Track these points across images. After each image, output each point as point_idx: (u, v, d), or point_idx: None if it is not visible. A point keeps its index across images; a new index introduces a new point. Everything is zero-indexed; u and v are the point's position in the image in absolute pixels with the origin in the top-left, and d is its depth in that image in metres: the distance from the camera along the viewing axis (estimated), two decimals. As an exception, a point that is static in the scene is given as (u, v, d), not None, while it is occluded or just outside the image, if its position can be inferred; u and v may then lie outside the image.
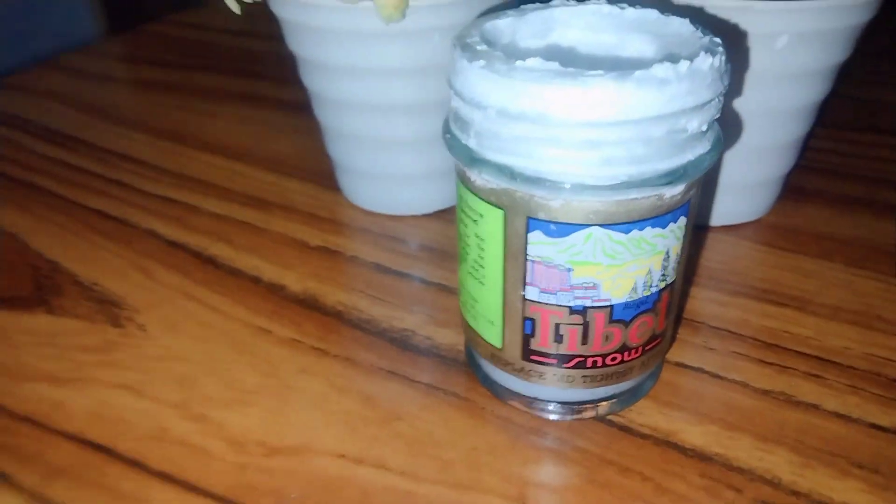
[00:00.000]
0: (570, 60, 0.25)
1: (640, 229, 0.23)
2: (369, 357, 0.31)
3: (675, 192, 0.22)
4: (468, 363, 0.30)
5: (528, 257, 0.24)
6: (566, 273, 0.23)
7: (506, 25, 0.25)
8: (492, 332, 0.26)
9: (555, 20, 0.26)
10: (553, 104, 0.20)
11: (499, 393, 0.28)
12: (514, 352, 0.26)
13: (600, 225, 0.22)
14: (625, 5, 0.26)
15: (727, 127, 0.22)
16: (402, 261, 0.37)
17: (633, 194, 0.22)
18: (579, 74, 0.20)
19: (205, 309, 0.34)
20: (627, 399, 0.28)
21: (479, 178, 0.23)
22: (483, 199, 0.24)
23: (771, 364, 0.30)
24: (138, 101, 0.58)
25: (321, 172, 0.44)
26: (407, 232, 0.39)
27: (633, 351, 0.26)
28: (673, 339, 0.31)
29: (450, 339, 0.32)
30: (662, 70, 0.20)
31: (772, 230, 0.39)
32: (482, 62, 0.22)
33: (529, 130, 0.21)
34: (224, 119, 0.52)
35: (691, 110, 0.21)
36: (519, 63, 0.21)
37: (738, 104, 0.33)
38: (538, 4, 0.27)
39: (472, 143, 0.23)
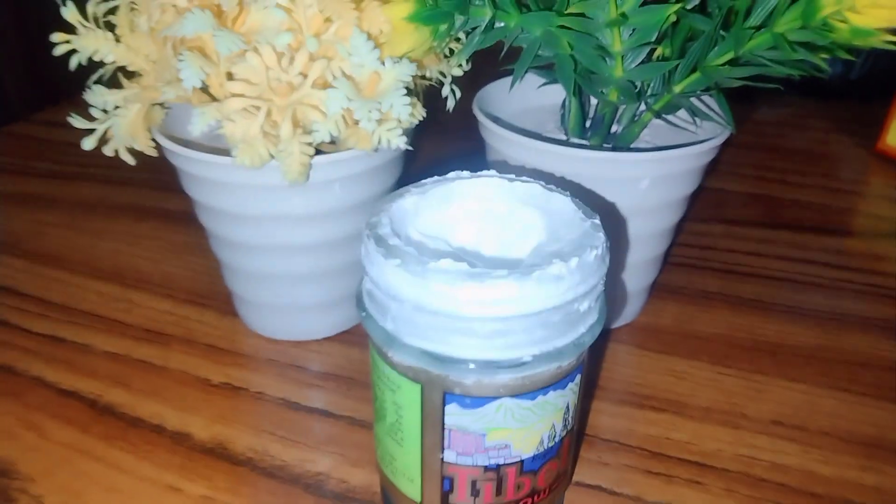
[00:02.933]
0: (472, 246, 0.28)
1: (545, 394, 0.25)
2: (287, 509, 0.31)
3: (571, 360, 0.25)
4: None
5: (446, 426, 0.25)
6: (481, 438, 0.25)
7: (410, 204, 0.27)
8: (411, 488, 0.28)
9: (453, 193, 0.29)
10: (464, 303, 0.23)
11: (419, 538, 0.30)
12: (434, 505, 0.28)
13: (510, 396, 0.25)
14: (513, 177, 0.29)
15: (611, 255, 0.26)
16: (309, 394, 0.38)
17: (537, 369, 0.24)
18: (486, 276, 0.23)
19: (108, 469, 0.33)
20: (538, 531, 0.30)
21: (397, 357, 0.25)
22: (400, 374, 0.25)
23: (658, 474, 0.34)
24: (11, 219, 0.55)
25: (218, 296, 0.44)
26: (311, 359, 0.40)
27: (542, 493, 0.28)
28: (573, 467, 0.34)
29: (364, 479, 0.33)
30: (557, 268, 0.23)
31: (643, 332, 0.43)
32: (397, 261, 0.23)
33: (444, 322, 0.23)
34: (112, 238, 0.51)
35: (582, 296, 0.24)
36: (432, 265, 0.23)
37: (614, 230, 0.37)
38: (436, 179, 0.29)
39: (389, 325, 0.25)
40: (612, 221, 0.36)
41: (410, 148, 0.32)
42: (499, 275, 0.23)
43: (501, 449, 0.26)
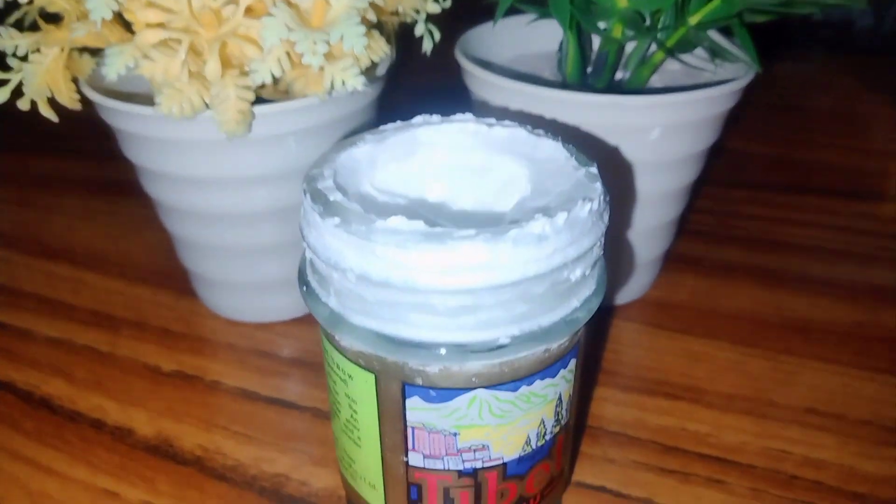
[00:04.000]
0: (438, 201, 0.23)
1: (529, 384, 0.20)
2: (238, 518, 0.27)
3: (562, 341, 0.20)
4: (351, 512, 0.27)
5: (408, 423, 0.21)
6: (452, 438, 0.21)
7: (363, 154, 0.22)
8: (373, 495, 0.23)
9: (418, 141, 0.24)
10: (420, 271, 0.18)
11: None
12: (401, 516, 0.23)
13: (485, 387, 0.20)
14: (493, 121, 0.24)
15: (612, 212, 0.21)
16: (271, 382, 0.33)
17: (518, 354, 0.19)
18: (447, 236, 0.18)
19: (36, 472, 0.29)
20: (529, 544, 0.25)
21: (345, 340, 0.20)
22: (351, 361, 0.21)
23: (672, 472, 0.29)
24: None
25: (175, 275, 0.39)
26: (276, 343, 0.35)
27: (532, 499, 0.23)
28: (572, 468, 0.29)
29: (328, 481, 0.28)
30: (539, 225, 0.18)
31: (656, 308, 0.38)
32: (336, 219, 0.19)
33: (397, 296, 0.18)
34: (66, 214, 0.46)
35: (573, 261, 0.19)
36: (379, 224, 0.18)
37: (619, 190, 0.32)
38: (398, 124, 0.24)
39: (332, 301, 0.20)
40: (617, 179, 0.31)
41: (367, 89, 0.27)
42: (464, 235, 0.18)
43: (478, 450, 0.21)
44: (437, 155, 0.24)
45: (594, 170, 0.21)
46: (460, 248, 0.18)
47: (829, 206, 0.47)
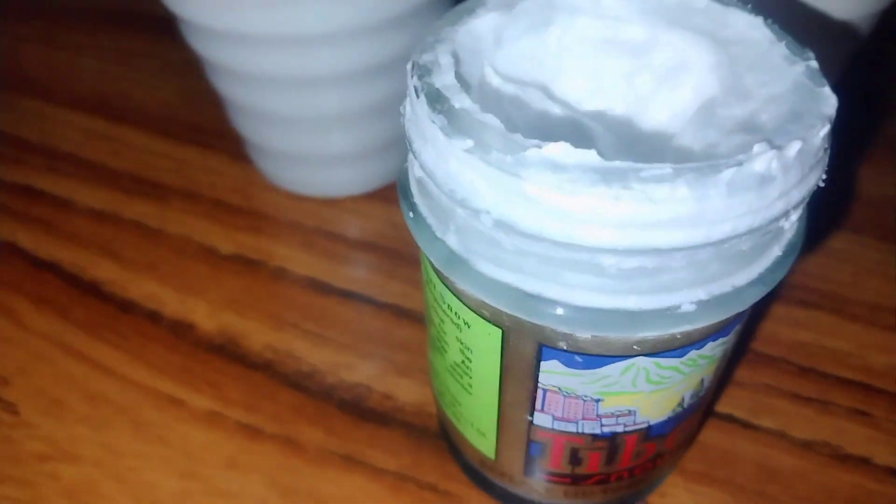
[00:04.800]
0: (583, 98, 0.17)
1: (700, 348, 0.16)
2: (316, 435, 0.24)
3: (754, 300, 0.15)
4: (441, 436, 0.24)
5: (540, 385, 0.17)
6: (593, 404, 0.17)
7: (487, 28, 0.16)
8: (482, 442, 0.20)
9: (555, 6, 0.17)
10: (590, 223, 0.13)
11: (489, 490, 0.22)
12: (513, 467, 0.20)
13: (646, 355, 0.15)
14: (657, -24, 0.17)
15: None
16: (343, 271, 0.29)
17: (701, 322, 0.15)
18: (634, 176, 0.12)
19: (93, 371, 0.26)
20: (652, 487, 0.22)
21: (465, 286, 0.16)
22: (471, 309, 0.16)
23: (809, 400, 0.25)
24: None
25: (226, 135, 0.34)
26: (345, 223, 0.31)
27: (667, 455, 0.20)
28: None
29: (414, 394, 0.25)
30: (764, 162, 0.12)
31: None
32: (468, 142, 0.13)
33: (549, 250, 0.13)
34: (95, 55, 0.41)
35: (794, 207, 0.14)
36: (532, 152, 0.13)
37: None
38: (528, -22, 0.17)
39: (452, 241, 0.15)
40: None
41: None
42: (657, 174, 0.12)
43: (622, 416, 0.17)
44: (581, 25, 0.17)
45: (815, 63, 0.15)
46: (653, 194, 0.12)
47: None
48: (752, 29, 0.16)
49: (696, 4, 0.17)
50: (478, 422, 0.19)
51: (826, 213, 0.31)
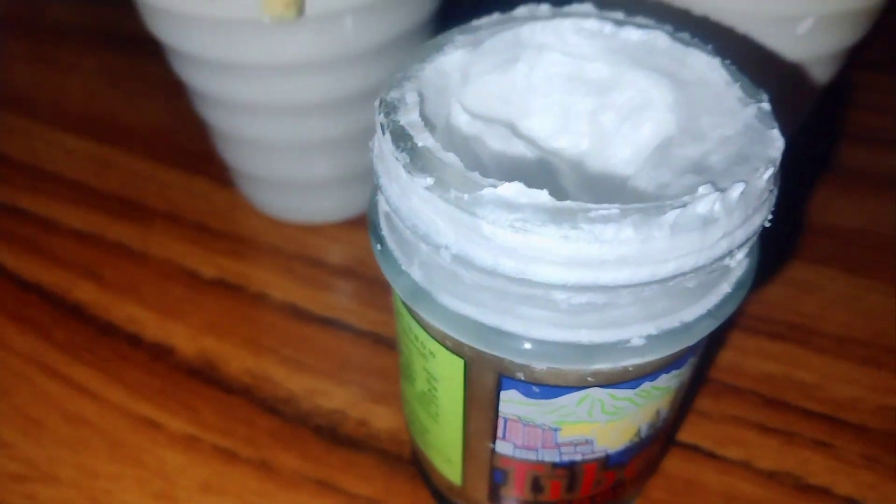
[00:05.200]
0: (545, 134, 0.18)
1: (653, 380, 0.16)
2: (290, 460, 0.24)
3: (703, 335, 0.16)
4: (413, 462, 0.24)
5: (500, 414, 0.17)
6: (551, 433, 0.17)
7: (455, 65, 0.17)
8: (449, 469, 0.20)
9: (522, 43, 0.18)
10: (543, 262, 0.13)
11: (458, 515, 0.23)
12: (479, 494, 0.20)
13: (601, 386, 0.16)
14: (621, 17, 0.18)
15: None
16: (323, 298, 0.30)
17: (651, 356, 0.15)
18: (582, 216, 0.13)
19: (72, 392, 0.26)
20: (616, 514, 0.23)
21: (429, 318, 0.16)
22: (435, 340, 0.17)
23: (774, 431, 0.25)
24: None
25: (211, 158, 0.35)
26: (326, 249, 0.32)
27: (628, 483, 0.20)
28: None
29: (388, 421, 0.25)
30: (707, 204, 0.13)
31: (759, 223, 0.33)
32: (429, 180, 0.14)
33: (504, 285, 0.14)
34: (83, 75, 0.41)
35: (740, 245, 0.14)
36: (487, 191, 0.13)
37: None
38: (496, 18, 0.18)
39: (416, 274, 0.16)
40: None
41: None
42: (604, 215, 0.13)
43: (580, 445, 0.18)
44: (547, 62, 0.18)
45: (767, 105, 0.16)
46: (599, 234, 0.13)
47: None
48: (710, 70, 0.17)
49: (658, 44, 0.18)
50: (445, 449, 0.20)
51: (794, 245, 0.31)
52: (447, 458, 0.20)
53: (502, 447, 0.18)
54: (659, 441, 0.20)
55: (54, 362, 0.27)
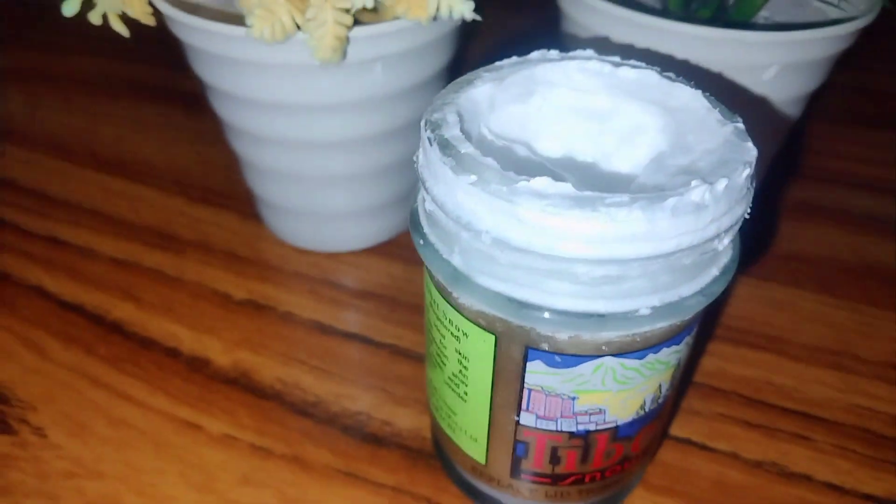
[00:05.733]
0: (559, 150, 0.21)
1: (656, 352, 0.19)
2: (321, 455, 0.27)
3: (697, 309, 0.19)
4: (436, 455, 0.27)
5: (525, 385, 0.20)
6: (570, 402, 0.20)
7: (483, 96, 0.21)
8: (474, 447, 0.23)
9: (536, 80, 0.22)
10: (568, 239, 0.16)
11: (477, 499, 0.25)
12: (501, 470, 0.23)
13: (613, 355, 0.19)
14: (618, 60, 0.22)
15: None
16: (344, 316, 0.32)
17: (654, 325, 0.18)
18: (599, 202, 0.16)
19: (116, 399, 0.29)
20: (621, 495, 0.25)
21: (465, 299, 0.19)
22: (469, 320, 0.20)
23: (757, 426, 0.28)
24: (4, 97, 0.48)
25: (237, 195, 0.38)
26: (346, 274, 0.35)
27: (634, 458, 0.23)
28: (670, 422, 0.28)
29: (410, 421, 0.28)
30: (699, 193, 0.16)
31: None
32: (472, 177, 0.17)
33: (535, 262, 0.17)
34: (115, 121, 0.45)
35: (725, 231, 0.18)
36: (522, 184, 0.17)
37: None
38: (515, 60, 0.22)
39: (456, 260, 0.19)
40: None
41: (479, 18, 0.24)
42: (618, 201, 0.16)
43: (594, 414, 0.20)
44: (557, 96, 0.22)
45: (741, 125, 0.19)
46: (614, 215, 0.16)
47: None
48: (693, 100, 0.20)
49: (649, 80, 0.21)
50: (471, 428, 0.22)
51: (771, 269, 0.35)
52: (473, 437, 0.23)
53: (526, 419, 0.21)
54: (659, 419, 0.22)
55: (98, 373, 0.30)
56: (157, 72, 0.49)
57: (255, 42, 0.24)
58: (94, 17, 0.26)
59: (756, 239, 0.37)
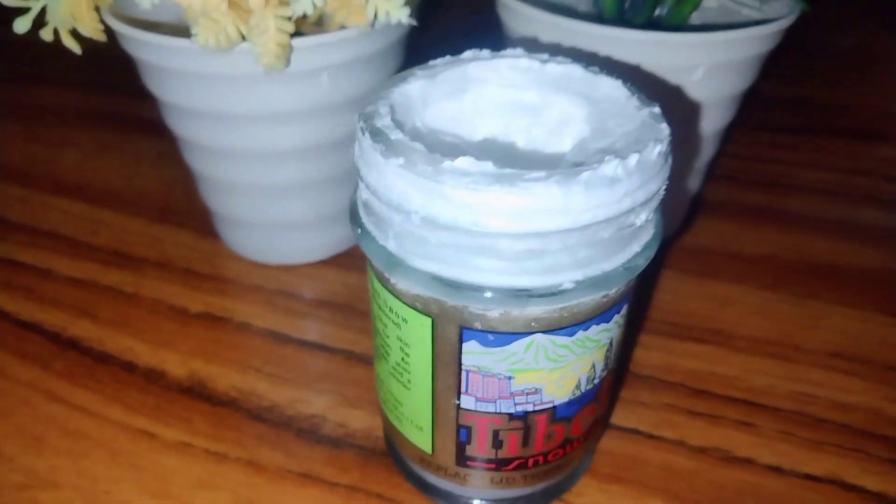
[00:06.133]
0: (491, 141, 0.22)
1: (585, 329, 0.20)
2: (276, 457, 0.27)
3: (621, 286, 0.20)
4: (388, 452, 0.27)
5: (463, 367, 0.21)
6: (506, 381, 0.21)
7: (416, 91, 0.22)
8: (420, 437, 0.23)
9: (469, 77, 0.23)
10: (490, 214, 0.17)
11: (428, 492, 0.26)
12: (447, 458, 0.23)
13: (543, 332, 0.20)
14: (546, 57, 0.23)
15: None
16: (300, 324, 0.33)
17: (579, 299, 0.19)
18: (518, 178, 0.17)
19: (72, 412, 0.29)
20: (567, 483, 0.26)
21: (402, 284, 0.20)
22: (407, 304, 0.20)
23: (702, 415, 0.29)
24: (-39, 128, 0.49)
25: (195, 213, 0.39)
26: (302, 285, 0.35)
27: (576, 441, 0.24)
28: (611, 411, 0.29)
29: (364, 422, 0.28)
30: (611, 168, 0.18)
31: (682, 253, 0.38)
32: (401, 160, 0.18)
33: (462, 239, 0.18)
34: (77, 149, 0.45)
35: (641, 205, 0.19)
36: (447, 164, 0.18)
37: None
38: (448, 59, 0.23)
39: (391, 245, 0.20)
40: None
41: (415, 23, 0.26)
42: (535, 177, 0.17)
43: (530, 394, 0.21)
44: (489, 92, 0.23)
45: (657, 110, 0.20)
46: (532, 190, 0.17)
47: (850, 151, 0.47)
48: (614, 89, 0.22)
49: (574, 74, 0.22)
50: (416, 417, 0.23)
51: (716, 267, 0.36)
52: (418, 426, 0.23)
53: (466, 402, 0.21)
54: (597, 402, 0.23)
55: (55, 388, 0.30)
56: (114, 99, 0.50)
57: (202, 53, 0.25)
58: (46, 34, 0.27)
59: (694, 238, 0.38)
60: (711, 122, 0.32)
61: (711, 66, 0.29)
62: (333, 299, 0.34)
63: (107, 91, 0.51)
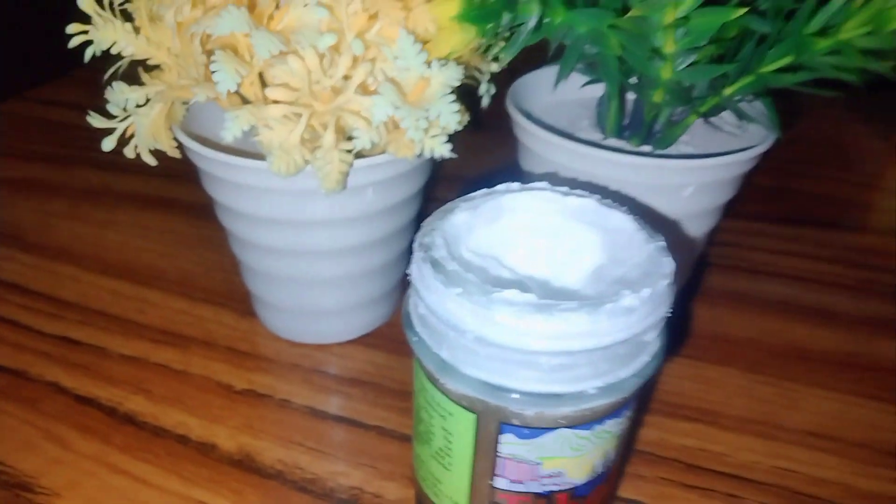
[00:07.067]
0: (525, 266, 0.27)
1: (601, 424, 0.24)
2: (323, 526, 0.31)
3: (634, 388, 0.24)
4: (423, 522, 0.31)
5: (499, 454, 0.24)
6: (536, 466, 0.25)
7: (462, 221, 0.26)
8: (458, 511, 0.27)
9: (502, 208, 0.27)
10: (532, 336, 0.21)
11: (461, 559, 0.29)
12: (481, 530, 0.27)
13: (568, 426, 0.24)
14: (566, 190, 0.28)
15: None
16: (336, 401, 0.37)
17: (600, 402, 0.23)
18: (555, 308, 0.21)
19: (134, 483, 0.32)
20: (582, 552, 0.29)
21: (452, 385, 0.24)
22: (454, 401, 0.24)
23: (695, 488, 0.33)
24: (13, 208, 0.52)
25: (235, 295, 0.43)
26: (334, 364, 0.39)
27: (591, 516, 0.27)
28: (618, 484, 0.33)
29: (398, 493, 0.32)
30: (629, 301, 0.22)
31: (674, 336, 0.42)
32: (459, 290, 0.22)
33: (507, 355, 0.22)
34: (120, 230, 0.49)
35: (650, 327, 0.23)
36: (497, 296, 0.22)
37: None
38: (485, 192, 0.27)
39: (444, 353, 0.24)
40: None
41: (455, 156, 0.30)
42: (568, 307, 0.21)
43: (555, 476, 0.25)
44: (519, 218, 0.27)
45: (663, 243, 0.25)
46: (566, 318, 0.21)
47: (823, 238, 0.51)
48: (625, 222, 0.26)
49: (590, 207, 0.27)
50: (454, 494, 0.27)
51: (703, 350, 0.41)
52: (455, 502, 0.27)
53: (500, 482, 0.25)
54: (609, 481, 0.27)
55: (116, 461, 0.33)
56: (154, 182, 0.54)
57: (265, 172, 0.30)
58: (129, 152, 0.31)
59: (684, 324, 0.42)
60: (699, 227, 0.37)
61: (700, 184, 0.34)
62: (362, 377, 0.38)
63: (144, 175, 0.55)
